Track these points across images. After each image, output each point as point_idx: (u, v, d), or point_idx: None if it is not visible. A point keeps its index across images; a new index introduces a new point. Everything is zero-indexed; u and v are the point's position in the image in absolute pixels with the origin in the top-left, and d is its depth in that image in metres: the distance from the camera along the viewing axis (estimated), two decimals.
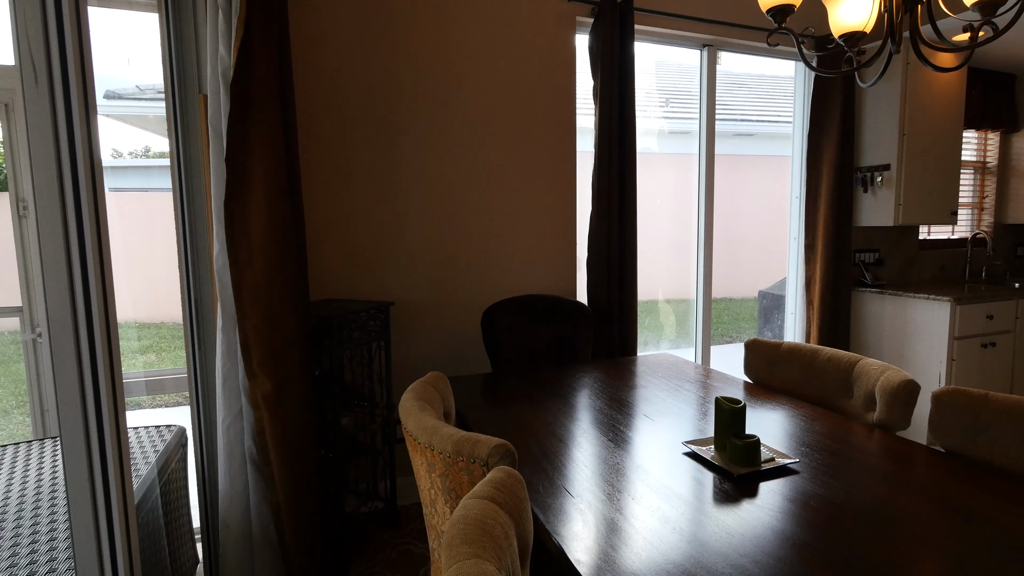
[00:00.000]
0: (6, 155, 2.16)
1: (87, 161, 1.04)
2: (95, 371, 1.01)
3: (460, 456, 1.10)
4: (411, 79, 2.43)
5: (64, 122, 1.01)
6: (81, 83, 1.05)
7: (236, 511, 1.71)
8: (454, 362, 2.59)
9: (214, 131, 1.75)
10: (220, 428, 1.71)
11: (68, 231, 0.99)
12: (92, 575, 1.00)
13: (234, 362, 1.70)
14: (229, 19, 1.74)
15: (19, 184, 2.18)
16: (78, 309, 1.00)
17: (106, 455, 1.01)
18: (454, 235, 2.56)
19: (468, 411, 1.65)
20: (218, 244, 1.71)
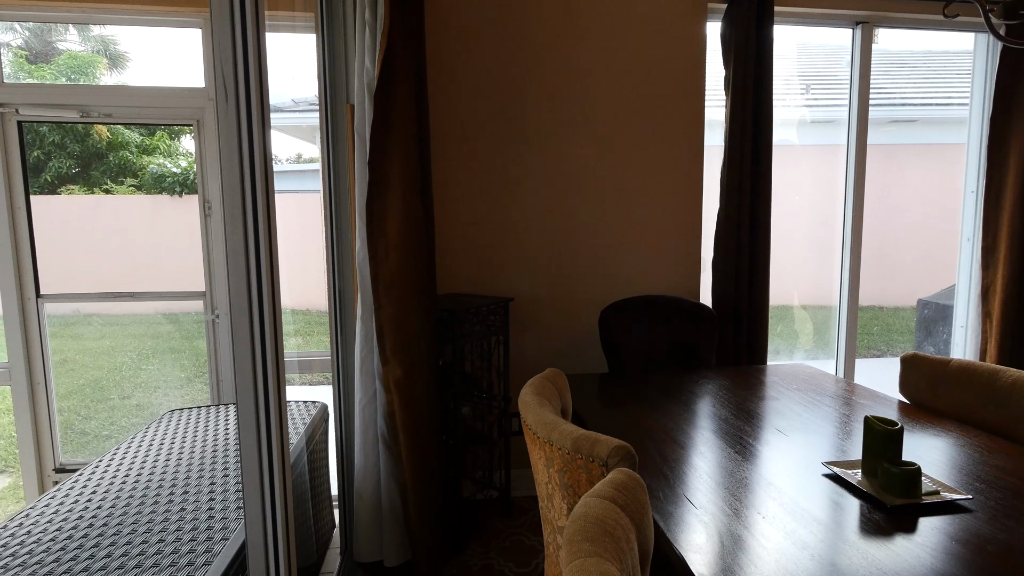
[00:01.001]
0: (197, 163, 2.57)
1: (262, 167, 1.20)
2: (264, 349, 1.16)
3: (579, 454, 1.10)
4: (534, 77, 2.48)
5: (246, 133, 1.18)
6: (259, 100, 1.21)
7: (369, 484, 1.88)
8: (570, 360, 2.60)
9: (359, 137, 1.93)
10: (357, 407, 1.88)
11: (247, 227, 1.16)
12: (257, 522, 1.15)
13: (370, 348, 1.86)
14: (375, 34, 1.90)
15: (205, 188, 2.57)
16: (252, 295, 1.16)
17: (270, 422, 1.16)
18: (573, 233, 2.56)
19: (585, 410, 1.65)
20: (360, 240, 1.88)
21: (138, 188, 8.47)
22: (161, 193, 7.53)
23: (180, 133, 9.72)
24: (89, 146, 8.50)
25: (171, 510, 1.48)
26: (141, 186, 8.47)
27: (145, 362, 5.24)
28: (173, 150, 9.43)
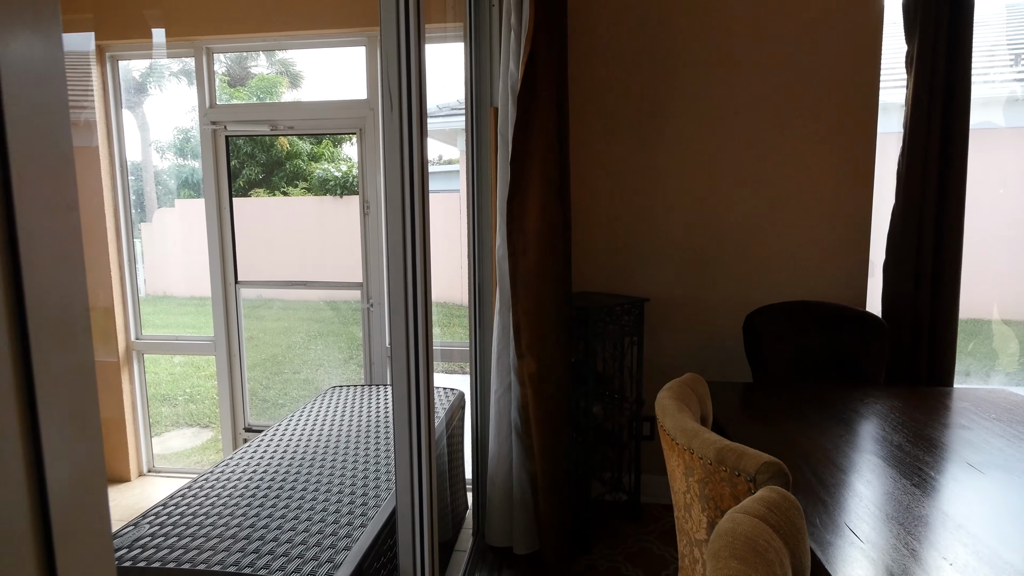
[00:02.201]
0: (358, 168, 2.86)
1: (420, 169, 1.31)
2: (416, 337, 1.27)
3: (723, 466, 1.04)
4: (677, 70, 2.37)
5: (406, 139, 1.29)
6: (419, 108, 1.32)
7: (501, 472, 1.96)
8: (708, 365, 2.46)
9: (502, 138, 2.01)
10: (493, 398, 1.97)
11: (405, 225, 1.27)
12: (406, 492, 1.26)
13: (507, 342, 1.93)
14: (519, 37, 1.96)
15: (365, 189, 2.85)
16: (408, 288, 1.27)
17: (420, 404, 1.26)
18: (715, 231, 2.41)
19: (726, 420, 1.55)
20: (500, 237, 1.96)
21: (308, 190, 9.67)
22: (326, 194, 8.54)
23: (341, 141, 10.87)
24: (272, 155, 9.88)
25: (333, 473, 1.67)
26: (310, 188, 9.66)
27: (311, 343, 6.00)
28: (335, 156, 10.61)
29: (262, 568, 1.23)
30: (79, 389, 0.36)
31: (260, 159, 10.01)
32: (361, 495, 1.55)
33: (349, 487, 1.59)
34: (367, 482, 1.62)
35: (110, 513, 0.39)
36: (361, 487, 1.59)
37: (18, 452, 0.33)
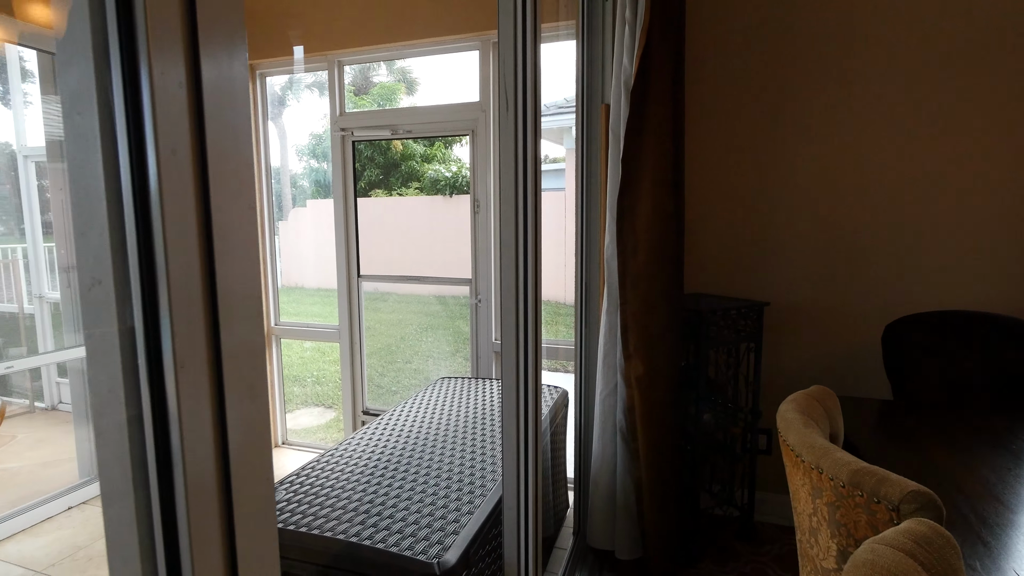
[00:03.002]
0: (470, 168, 2.97)
1: (533, 168, 1.33)
2: (526, 334, 1.29)
3: (858, 490, 0.94)
4: (808, 55, 2.17)
5: (521, 138, 1.32)
6: (533, 108, 1.34)
7: (604, 474, 1.93)
8: (839, 379, 2.24)
9: (613, 135, 1.97)
10: (598, 398, 1.95)
11: (517, 223, 1.29)
12: (512, 483, 1.29)
13: (614, 342, 1.90)
14: (634, 31, 1.92)
15: (476, 188, 2.95)
16: (519, 285, 1.29)
17: (527, 398, 1.28)
18: (851, 228, 2.18)
19: (861, 440, 1.40)
20: (609, 236, 1.93)
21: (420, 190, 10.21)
22: (436, 194, 8.97)
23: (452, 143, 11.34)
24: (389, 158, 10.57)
25: (442, 460, 1.75)
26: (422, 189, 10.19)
27: (422, 335, 6.35)
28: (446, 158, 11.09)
29: (379, 542, 1.32)
30: (252, 362, 0.41)
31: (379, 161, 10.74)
32: (468, 483, 1.61)
33: (457, 474, 1.66)
34: (473, 471, 1.68)
35: (273, 465, 0.44)
36: (468, 475, 1.65)
37: (208, 413, 0.38)
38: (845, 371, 2.23)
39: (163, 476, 0.37)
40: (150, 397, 0.36)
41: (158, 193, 0.35)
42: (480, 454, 1.80)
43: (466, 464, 1.73)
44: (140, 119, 0.35)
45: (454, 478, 1.64)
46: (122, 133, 0.35)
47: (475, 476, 1.65)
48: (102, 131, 0.36)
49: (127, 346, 0.37)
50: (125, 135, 0.35)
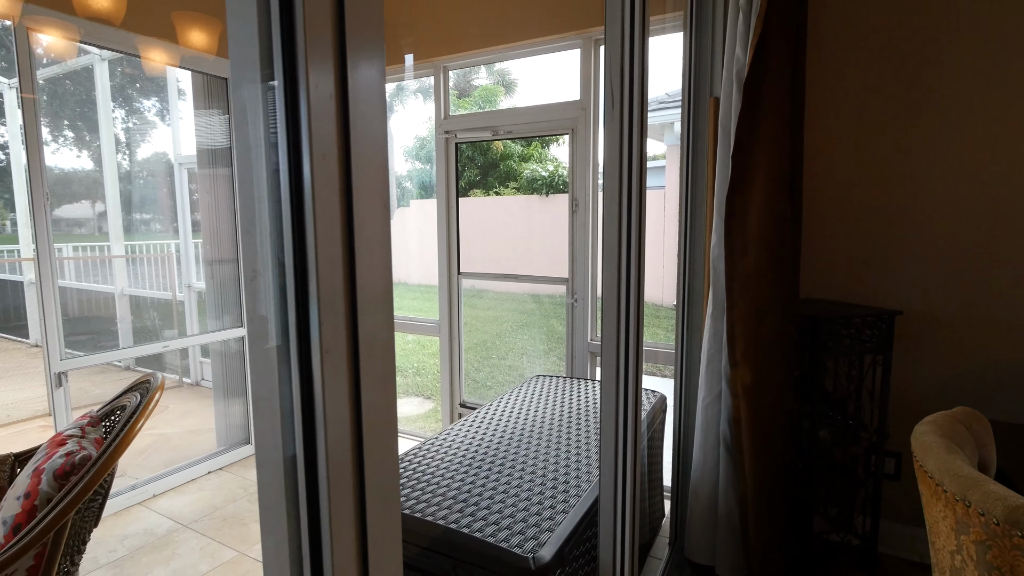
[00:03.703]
0: (569, 166, 2.96)
1: (639, 166, 1.30)
2: (627, 336, 1.26)
3: (1018, 530, 0.82)
4: (951, 35, 1.92)
5: (627, 135, 1.29)
6: (640, 104, 1.31)
7: (705, 485, 1.84)
8: (987, 400, 1.96)
9: (723, 130, 1.87)
10: (700, 405, 1.86)
11: (621, 222, 1.27)
12: (609, 485, 1.27)
13: (718, 348, 1.81)
14: (748, 20, 1.81)
15: (574, 187, 2.94)
16: (621, 286, 1.27)
17: (628, 401, 1.26)
18: (1000, 230, 1.90)
19: (1020, 472, 1.22)
20: (715, 236, 1.83)
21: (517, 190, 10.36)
22: (533, 193, 9.06)
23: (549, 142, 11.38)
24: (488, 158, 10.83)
25: (537, 457, 1.77)
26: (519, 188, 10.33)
27: (516, 332, 6.46)
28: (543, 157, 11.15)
29: (476, 531, 1.37)
30: (384, 351, 0.44)
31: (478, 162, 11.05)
32: (563, 482, 1.61)
33: (552, 472, 1.67)
34: (568, 470, 1.68)
35: (397, 442, 0.47)
36: (563, 474, 1.66)
37: (347, 395, 0.42)
38: (996, 392, 1.94)
39: (308, 448, 0.41)
40: (299, 378, 0.40)
41: (311, 195, 0.38)
42: (575, 454, 1.79)
43: (561, 463, 1.73)
44: (298, 128, 0.39)
45: (549, 476, 1.65)
46: (282, 141, 0.39)
47: (570, 475, 1.65)
48: (266, 140, 0.40)
49: (281, 332, 0.41)
50: (284, 143, 0.39)
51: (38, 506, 1.36)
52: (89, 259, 6.38)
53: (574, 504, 1.49)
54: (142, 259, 5.73)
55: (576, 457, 1.77)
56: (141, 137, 12.22)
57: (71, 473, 1.39)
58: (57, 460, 1.40)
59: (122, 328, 5.12)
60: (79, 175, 12.41)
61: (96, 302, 5.55)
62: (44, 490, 1.37)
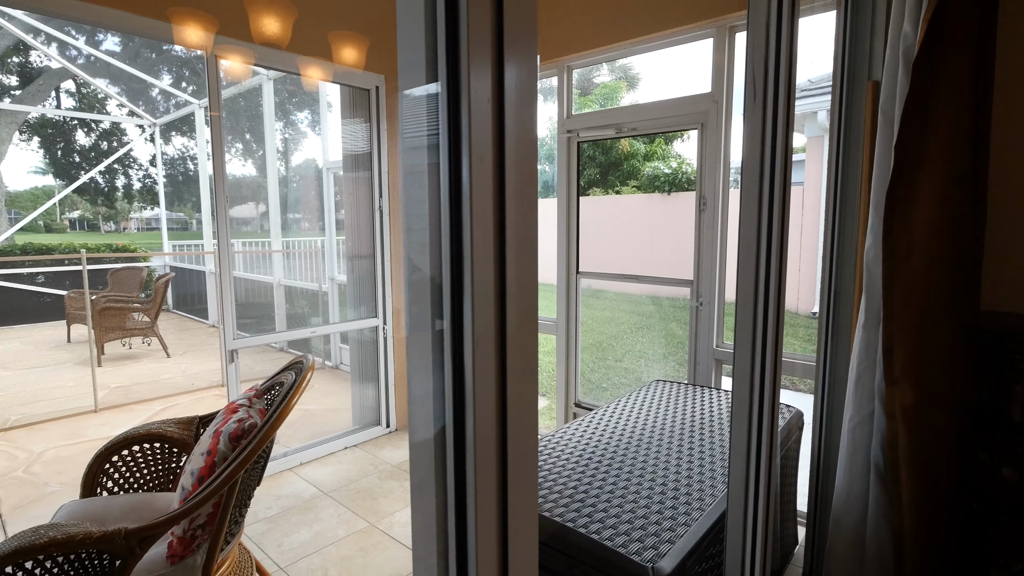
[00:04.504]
0: (698, 162, 2.82)
1: (782, 161, 1.20)
2: (764, 343, 1.17)
3: None
4: None
5: (770, 129, 1.20)
6: (787, 96, 1.20)
7: (851, 515, 1.65)
8: None
9: (883, 117, 1.66)
10: (845, 425, 1.67)
11: (760, 222, 1.18)
12: (738, 506, 1.19)
13: (871, 362, 1.61)
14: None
15: (702, 185, 2.79)
16: (758, 289, 1.18)
17: (762, 415, 1.17)
18: None
19: None
20: (871, 236, 1.63)
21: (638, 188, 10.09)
22: (654, 192, 8.75)
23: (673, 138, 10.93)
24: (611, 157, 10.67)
25: (657, 464, 1.71)
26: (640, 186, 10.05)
27: (633, 334, 6.29)
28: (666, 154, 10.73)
29: (593, 533, 1.36)
30: (528, 346, 0.46)
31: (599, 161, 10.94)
32: (684, 493, 1.54)
33: (672, 482, 1.60)
34: (691, 481, 1.60)
35: (537, 431, 0.49)
36: (685, 485, 1.58)
37: (493, 385, 0.44)
38: None
39: (457, 431, 0.43)
40: (452, 367, 0.43)
41: (468, 195, 0.41)
42: (698, 465, 1.71)
43: (682, 473, 1.66)
44: (458, 131, 0.41)
45: (669, 485, 1.59)
46: (443, 144, 0.42)
47: (692, 487, 1.57)
48: (428, 145, 0.43)
49: (437, 323, 0.44)
50: (445, 145, 0.42)
51: (217, 463, 1.59)
52: (253, 253, 7.36)
53: (697, 518, 1.42)
54: (294, 253, 6.48)
55: (699, 469, 1.68)
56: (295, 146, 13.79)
57: (242, 437, 1.62)
58: (231, 424, 1.64)
59: (278, 314, 5.83)
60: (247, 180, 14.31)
61: (258, 291, 6.38)
62: (221, 449, 1.61)
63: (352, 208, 3.50)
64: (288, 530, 2.45)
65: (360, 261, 3.51)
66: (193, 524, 1.56)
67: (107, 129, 15.02)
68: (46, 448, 3.40)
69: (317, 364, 5.41)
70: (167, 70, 13.97)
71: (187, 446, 1.98)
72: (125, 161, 16.13)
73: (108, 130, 15.06)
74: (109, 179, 16.41)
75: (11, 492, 2.83)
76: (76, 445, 3.45)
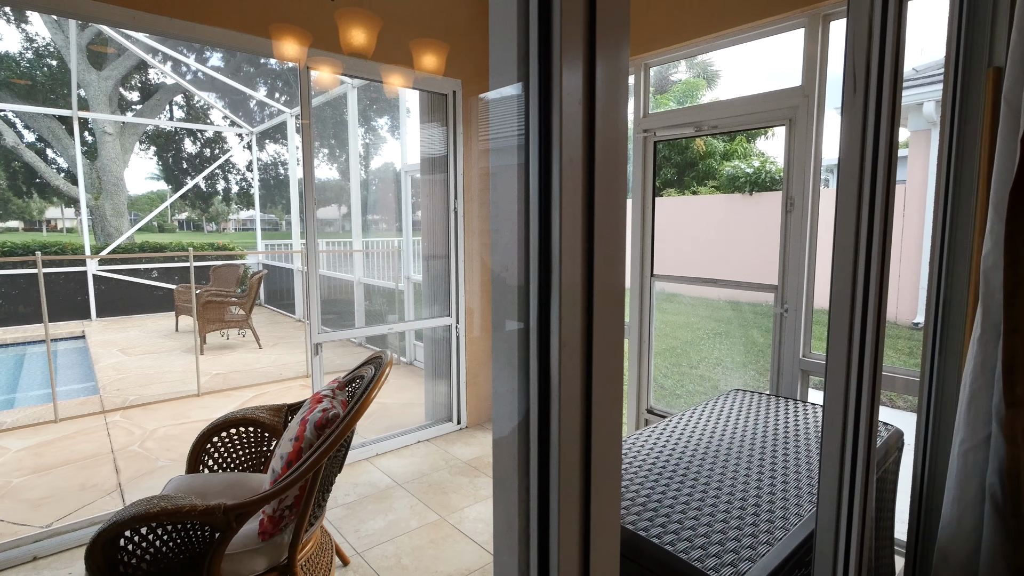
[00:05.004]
0: (785, 161, 2.66)
1: (885, 157, 1.10)
2: (861, 355, 1.09)
3: None
4: None
5: (872, 122, 1.11)
6: (891, 88, 1.11)
7: (960, 548, 1.49)
8: None
9: (1008, 107, 1.49)
10: (956, 449, 1.51)
11: (860, 224, 1.10)
12: (828, 531, 1.11)
13: (988, 380, 1.45)
14: None
15: (789, 185, 2.63)
16: (855, 297, 1.10)
17: (858, 431, 1.08)
18: None
19: None
20: (990, 240, 1.47)
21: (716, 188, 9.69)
22: (733, 192, 8.36)
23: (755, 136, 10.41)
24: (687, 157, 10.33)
25: (736, 477, 1.63)
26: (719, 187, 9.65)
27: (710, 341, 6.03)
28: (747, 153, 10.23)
29: (667, 544, 1.31)
30: (614, 349, 0.45)
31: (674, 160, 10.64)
32: (767, 511, 1.46)
33: (753, 497, 1.52)
34: (773, 499, 1.52)
35: (621, 436, 0.48)
36: (767, 502, 1.50)
37: (579, 387, 0.43)
38: None
39: (542, 433, 0.44)
40: (538, 368, 0.43)
41: (558, 197, 0.41)
42: (782, 482, 1.61)
43: (764, 489, 1.57)
44: (548, 132, 0.41)
45: (749, 501, 1.51)
46: (533, 145, 0.42)
47: (775, 505, 1.49)
48: (518, 147, 0.44)
49: (523, 322, 0.44)
50: (536, 147, 0.42)
51: (303, 448, 1.70)
52: (336, 252, 7.78)
53: (780, 537, 1.34)
54: (373, 253, 6.78)
55: (784, 485, 1.59)
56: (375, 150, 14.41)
57: (326, 426, 1.71)
58: (317, 414, 1.74)
59: (357, 311, 6.13)
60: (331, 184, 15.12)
61: (340, 288, 6.74)
62: (308, 436, 1.71)
63: (428, 209, 3.61)
64: (364, 517, 2.57)
65: (435, 261, 3.62)
66: (282, 504, 1.67)
67: (210, 138, 16.45)
68: (157, 426, 3.77)
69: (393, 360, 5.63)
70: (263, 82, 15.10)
71: (277, 431, 2.13)
72: (225, 167, 17.60)
73: (211, 139, 16.50)
74: (211, 184, 17.96)
75: (128, 464, 3.16)
76: (182, 425, 3.80)
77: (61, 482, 2.92)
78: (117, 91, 11.17)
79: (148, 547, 1.47)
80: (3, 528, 2.45)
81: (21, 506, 2.65)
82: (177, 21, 2.38)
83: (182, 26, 2.40)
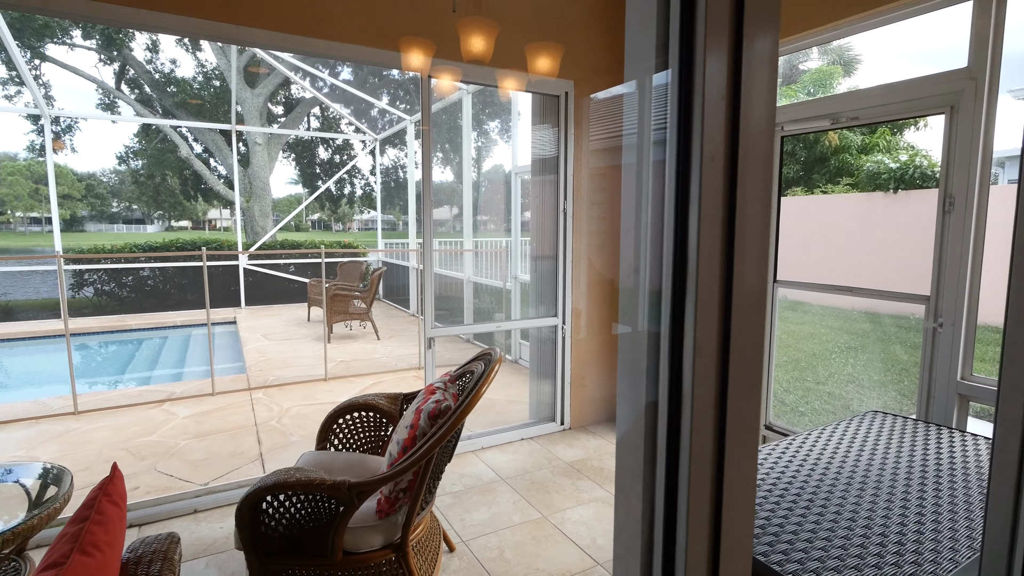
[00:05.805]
0: (944, 153, 2.32)
1: None
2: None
3: None
4: None
5: None
6: None
7: None
8: None
9: None
10: None
11: None
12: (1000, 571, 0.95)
13: None
14: None
15: (948, 181, 2.30)
16: None
17: None
18: None
19: None
20: None
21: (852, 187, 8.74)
22: (875, 190, 7.48)
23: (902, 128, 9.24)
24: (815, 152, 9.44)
25: (875, 508, 1.46)
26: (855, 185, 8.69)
27: (840, 355, 5.44)
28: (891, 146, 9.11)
29: (790, 573, 1.21)
30: (753, 358, 0.42)
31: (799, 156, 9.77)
32: (912, 551, 1.29)
33: (896, 534, 1.35)
34: (921, 538, 1.33)
35: (757, 451, 0.45)
36: (912, 541, 1.32)
37: (713, 396, 0.41)
38: None
39: (671, 441, 0.42)
40: (668, 372, 0.42)
41: (697, 197, 0.39)
42: (932, 519, 1.41)
43: (909, 525, 1.39)
44: (689, 128, 0.39)
45: (890, 537, 1.34)
46: (671, 141, 0.41)
47: (923, 545, 1.31)
48: (656, 143, 0.42)
49: (653, 326, 0.43)
50: (674, 142, 0.41)
51: (418, 436, 1.80)
52: (448, 251, 8.14)
53: None
54: (482, 253, 6.99)
55: (934, 523, 1.39)
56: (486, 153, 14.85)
57: (439, 417, 1.80)
58: (431, 404, 1.83)
59: (467, 308, 6.36)
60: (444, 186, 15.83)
61: (451, 285, 7.04)
62: (422, 425, 1.81)
63: (538, 210, 3.65)
64: (470, 507, 2.66)
65: (543, 262, 3.65)
66: (397, 487, 1.78)
67: (340, 145, 17.99)
68: (292, 405, 4.20)
69: (501, 357, 5.78)
70: (385, 91, 16.22)
71: (393, 418, 2.27)
72: (352, 171, 19.16)
73: (340, 145, 18.04)
74: (339, 187, 19.64)
75: (268, 437, 3.56)
76: (311, 406, 4.20)
77: (216, 447, 3.36)
78: (266, 106, 12.65)
79: (284, 512, 1.65)
80: (172, 483, 2.87)
81: (185, 465, 3.10)
82: (320, 41, 2.63)
83: (325, 45, 2.65)
